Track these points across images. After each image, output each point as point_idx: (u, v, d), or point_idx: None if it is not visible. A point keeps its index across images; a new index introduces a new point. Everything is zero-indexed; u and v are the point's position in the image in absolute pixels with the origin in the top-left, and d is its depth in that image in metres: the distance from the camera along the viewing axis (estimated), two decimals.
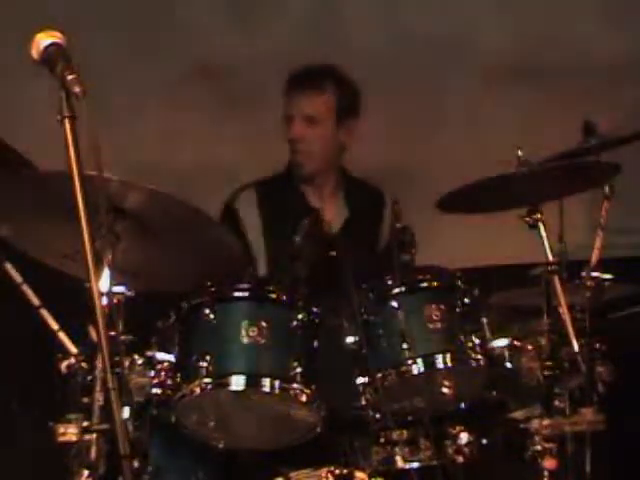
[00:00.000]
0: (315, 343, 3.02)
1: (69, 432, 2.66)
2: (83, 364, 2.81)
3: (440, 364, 2.99)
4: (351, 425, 3.13)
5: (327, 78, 3.90)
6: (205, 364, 2.89)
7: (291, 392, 2.90)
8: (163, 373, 2.96)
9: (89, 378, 2.75)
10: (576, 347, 3.00)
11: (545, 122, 4.68)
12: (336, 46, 4.68)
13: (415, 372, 2.98)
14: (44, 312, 2.96)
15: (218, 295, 2.98)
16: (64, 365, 2.83)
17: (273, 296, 3.01)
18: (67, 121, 2.16)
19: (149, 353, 2.97)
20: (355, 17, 4.84)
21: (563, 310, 3.04)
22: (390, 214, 3.57)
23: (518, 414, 3.09)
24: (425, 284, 3.10)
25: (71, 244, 2.59)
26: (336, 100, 3.89)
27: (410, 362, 2.97)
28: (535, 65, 4.77)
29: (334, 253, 3.30)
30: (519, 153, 3.17)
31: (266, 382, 2.89)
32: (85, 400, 2.71)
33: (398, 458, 3.03)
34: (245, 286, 2.99)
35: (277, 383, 2.89)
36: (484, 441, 3.10)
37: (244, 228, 3.84)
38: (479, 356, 3.02)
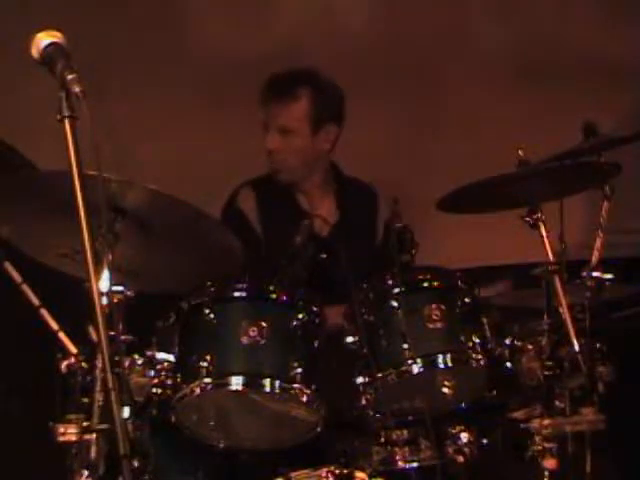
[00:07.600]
0: (315, 343, 3.02)
1: (69, 432, 2.66)
2: (83, 364, 2.81)
3: (440, 364, 2.99)
4: (351, 425, 3.13)
5: (301, 84, 3.75)
6: (205, 364, 2.89)
7: (291, 392, 2.90)
8: (163, 373, 2.96)
9: (89, 378, 2.75)
10: (576, 347, 3.00)
11: (545, 122, 4.68)
12: (336, 46, 4.68)
13: (415, 372, 2.98)
14: (44, 312, 2.95)
15: (218, 295, 2.98)
16: (64, 365, 2.83)
17: (273, 296, 3.01)
18: (67, 121, 2.16)
19: (149, 353, 2.97)
20: (355, 17, 4.83)
21: (563, 310, 3.04)
22: (384, 208, 3.55)
23: (518, 414, 3.09)
24: (425, 284, 3.10)
25: (71, 244, 2.60)
26: (311, 107, 3.74)
27: (410, 362, 2.97)
28: (535, 65, 4.77)
29: (324, 255, 3.30)
30: (519, 153, 3.17)
31: (266, 382, 2.89)
32: (85, 400, 2.71)
33: (398, 458, 3.04)
34: (245, 286, 2.99)
35: (277, 383, 2.89)
36: (484, 441, 3.11)
37: (252, 224, 3.80)
38: (479, 356, 3.02)
